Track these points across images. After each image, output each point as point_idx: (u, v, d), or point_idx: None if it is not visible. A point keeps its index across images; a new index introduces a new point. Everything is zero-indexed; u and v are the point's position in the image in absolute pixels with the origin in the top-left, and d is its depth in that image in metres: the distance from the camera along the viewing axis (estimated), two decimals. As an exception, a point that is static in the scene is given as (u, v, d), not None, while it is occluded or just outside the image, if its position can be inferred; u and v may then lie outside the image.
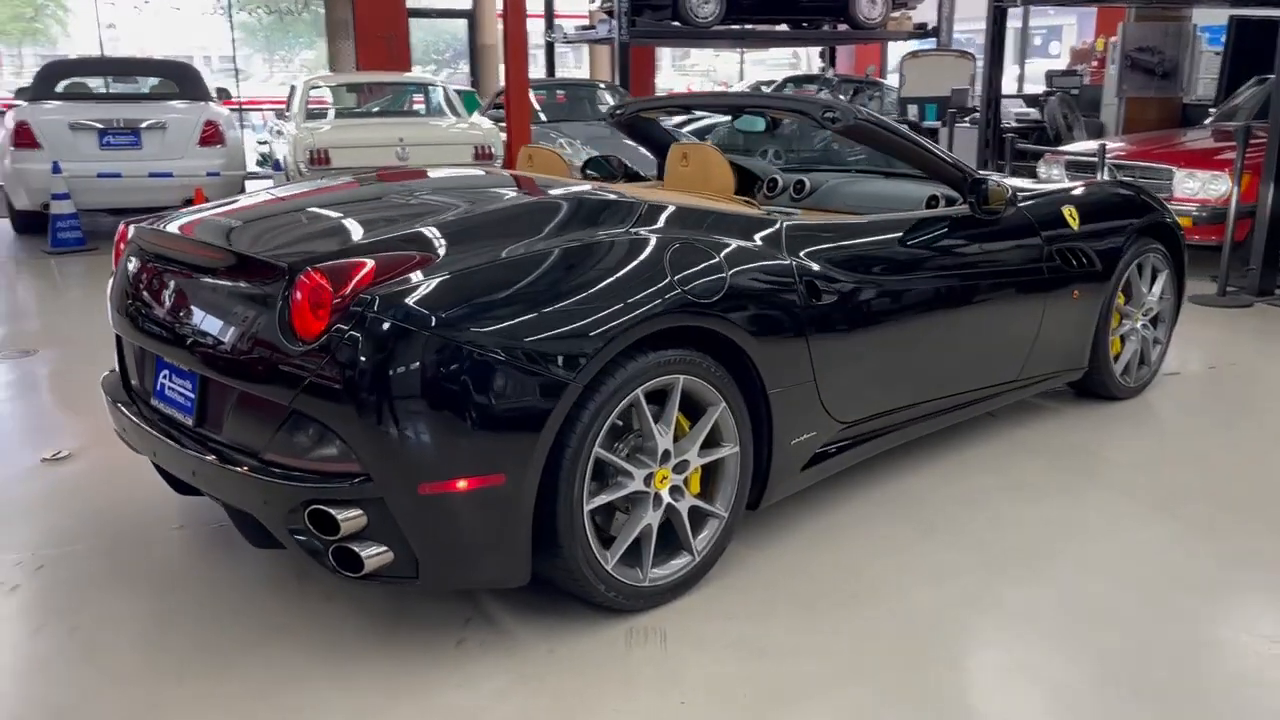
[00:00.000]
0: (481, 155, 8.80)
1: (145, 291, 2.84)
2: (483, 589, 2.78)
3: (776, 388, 2.92)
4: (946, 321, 3.48)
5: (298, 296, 2.35)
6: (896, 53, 15.21)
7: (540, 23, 14.90)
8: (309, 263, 2.38)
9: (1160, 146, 7.56)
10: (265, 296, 2.45)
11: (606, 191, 2.93)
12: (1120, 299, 4.31)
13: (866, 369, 3.23)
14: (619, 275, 2.57)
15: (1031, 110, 12.25)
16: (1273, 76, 6.81)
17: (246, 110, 15.99)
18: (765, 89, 14.54)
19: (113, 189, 8.68)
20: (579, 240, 2.62)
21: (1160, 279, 4.46)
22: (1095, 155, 7.24)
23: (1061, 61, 19.96)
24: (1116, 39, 9.46)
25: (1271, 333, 5.82)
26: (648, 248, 2.67)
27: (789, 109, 3.70)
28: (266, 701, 2.39)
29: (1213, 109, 8.96)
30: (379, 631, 2.68)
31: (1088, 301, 4.05)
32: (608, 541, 2.68)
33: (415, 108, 10.92)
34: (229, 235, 2.69)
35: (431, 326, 2.31)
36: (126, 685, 2.45)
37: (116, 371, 3.15)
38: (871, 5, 14.30)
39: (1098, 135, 10.00)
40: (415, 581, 2.43)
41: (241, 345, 2.47)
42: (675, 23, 13.10)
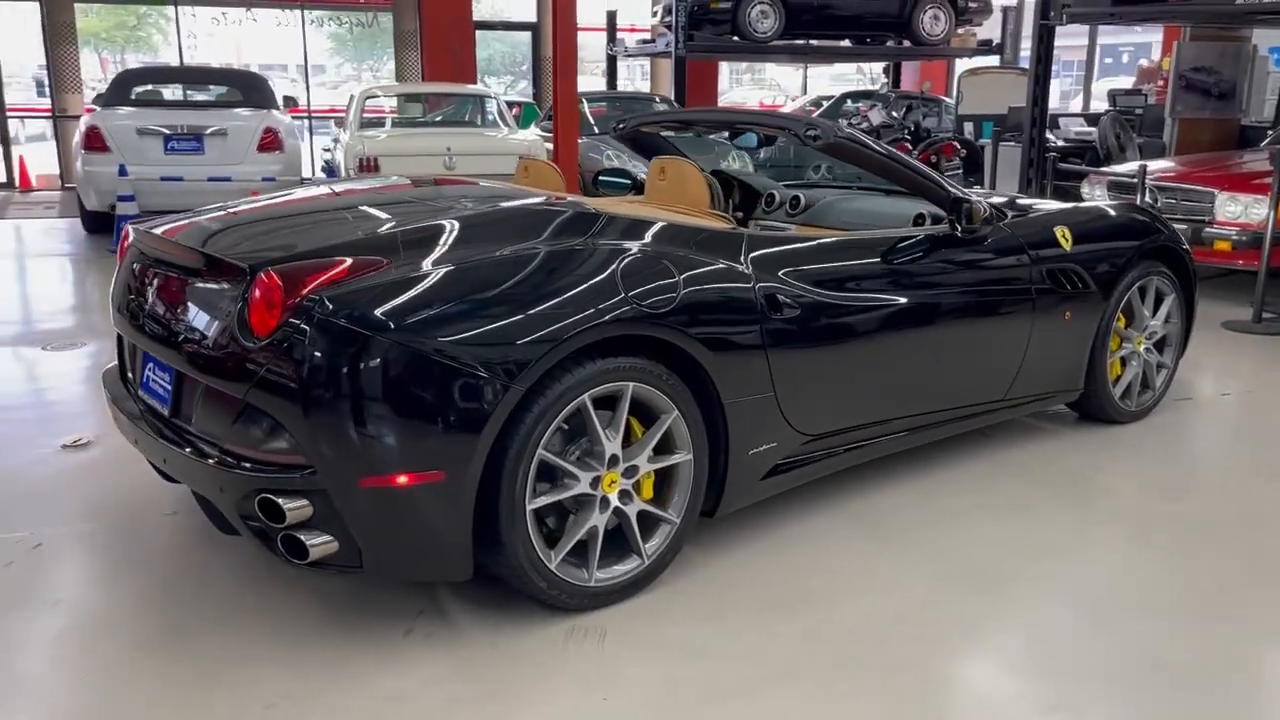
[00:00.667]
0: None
1: (137, 290, 3.02)
2: (426, 581, 2.90)
3: (733, 398, 2.98)
4: (921, 339, 3.50)
5: (255, 295, 2.50)
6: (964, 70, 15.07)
7: (603, 36, 15.10)
8: (267, 264, 2.53)
9: (1205, 169, 7.42)
10: (230, 295, 2.60)
11: (568, 204, 3.03)
12: (1121, 322, 4.27)
13: (833, 383, 3.27)
14: (565, 284, 2.66)
15: (1091, 129, 12.05)
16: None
17: (326, 118, 16.39)
18: (825, 103, 14.52)
19: (175, 192, 9.04)
20: (529, 249, 2.73)
21: (1166, 303, 4.41)
22: (1136, 176, 7.13)
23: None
24: (1171, 58, 9.27)
25: (1303, 361, 5.69)
26: (598, 258, 2.76)
27: (775, 126, 3.76)
28: (212, 680, 2.52)
29: (1270, 130, 8.75)
30: (335, 618, 2.80)
31: (1081, 323, 4.03)
32: (556, 541, 2.77)
33: (479, 118, 11.14)
34: (207, 238, 2.85)
35: (375, 327, 2.43)
36: (86, 657, 2.62)
37: (116, 366, 3.35)
38: (934, 22, 14.18)
39: (1154, 156, 9.81)
40: (360, 571, 2.56)
41: (209, 341, 2.62)
42: (734, 37, 13.19)
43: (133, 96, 9.80)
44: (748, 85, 33.80)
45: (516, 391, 2.53)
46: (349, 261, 2.55)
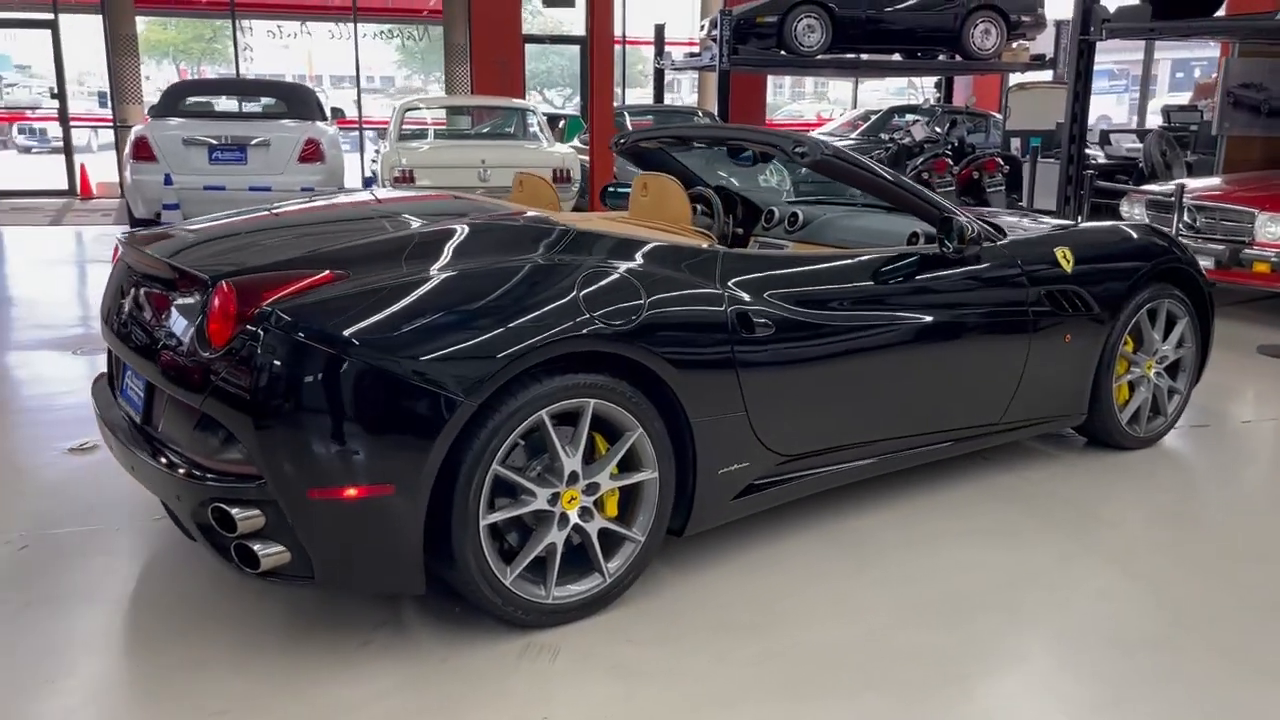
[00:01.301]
0: (560, 178, 9.04)
1: (120, 300, 3.09)
2: (380, 594, 2.91)
3: (701, 417, 2.96)
4: (905, 360, 3.44)
5: (213, 306, 2.54)
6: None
7: (649, 49, 15.14)
8: (225, 276, 2.57)
9: (1247, 188, 7.21)
10: (194, 307, 2.65)
11: (535, 220, 3.03)
12: (1129, 345, 4.16)
13: (810, 404, 3.23)
14: (521, 300, 2.67)
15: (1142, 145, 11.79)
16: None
17: (382, 129, 16.66)
18: (871, 117, 14.39)
19: (218, 201, 9.24)
20: (487, 265, 2.73)
21: (1179, 326, 4.28)
22: (1174, 195, 6.96)
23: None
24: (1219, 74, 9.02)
25: (1337, 388, 5.49)
26: (558, 274, 2.76)
27: (764, 143, 3.73)
28: (167, 684, 2.56)
29: (1323, 149, 8.47)
30: (299, 627, 2.83)
31: (1083, 346, 3.94)
32: (514, 556, 2.77)
33: (521, 131, 11.22)
34: (178, 251, 2.90)
35: (326, 340, 2.45)
36: (43, 658, 2.67)
37: (105, 374, 3.42)
38: (985, 36, 14.00)
39: (1204, 174, 9.56)
40: (313, 582, 2.58)
41: (173, 351, 2.67)
42: (781, 51, 13.15)
43: (183, 108, 10.07)
44: (810, 98, 33.73)
45: (468, 407, 2.54)
46: (305, 275, 2.58)
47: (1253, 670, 2.68)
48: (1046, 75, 14.21)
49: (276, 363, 2.45)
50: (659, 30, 14.74)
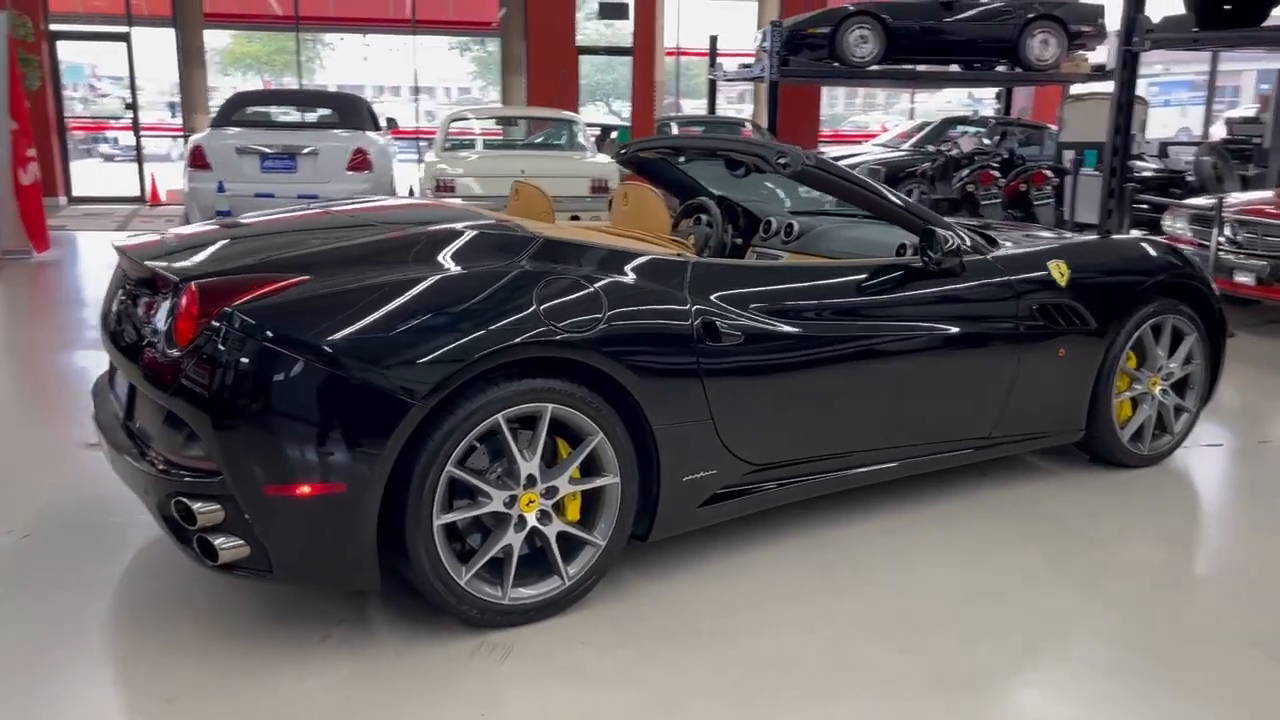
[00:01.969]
0: (597, 188, 9.13)
1: (113, 301, 3.22)
2: (335, 589, 2.99)
3: (664, 424, 2.99)
4: (882, 372, 3.43)
5: (179, 306, 2.65)
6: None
7: (701, 60, 15.18)
8: (192, 279, 2.67)
9: (1294, 203, 7.00)
10: (165, 308, 2.76)
11: (502, 227, 3.09)
12: (1131, 361, 4.09)
13: (780, 414, 3.24)
14: (478, 305, 2.72)
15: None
16: None
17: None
18: (925, 128, 14.24)
19: (267, 208, 9.49)
20: (446, 270, 2.80)
21: (1186, 343, 4.19)
22: (1214, 209, 6.80)
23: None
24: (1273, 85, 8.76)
25: (1373, 410, 5.30)
26: (517, 281, 2.82)
27: (748, 153, 3.75)
28: (126, 671, 2.67)
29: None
30: (265, 619, 2.92)
31: (1079, 361, 3.88)
32: (470, 556, 2.83)
33: (569, 142, 11.35)
34: (157, 254, 3.02)
35: (282, 341, 2.54)
36: (16, 641, 2.79)
37: (106, 374, 3.56)
38: (1044, 46, 13.76)
39: (1261, 188, 9.30)
40: (271, 576, 2.67)
41: (147, 350, 2.78)
42: (835, 63, 13.08)
43: (240, 118, 10.37)
44: (880, 110, 33.41)
45: (420, 410, 2.61)
46: (269, 279, 2.67)
47: (1196, 703, 2.61)
48: (1107, 86, 13.92)
49: (235, 362, 2.54)
50: (713, 41, 14.77)
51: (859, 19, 13.03)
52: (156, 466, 2.69)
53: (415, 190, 9.69)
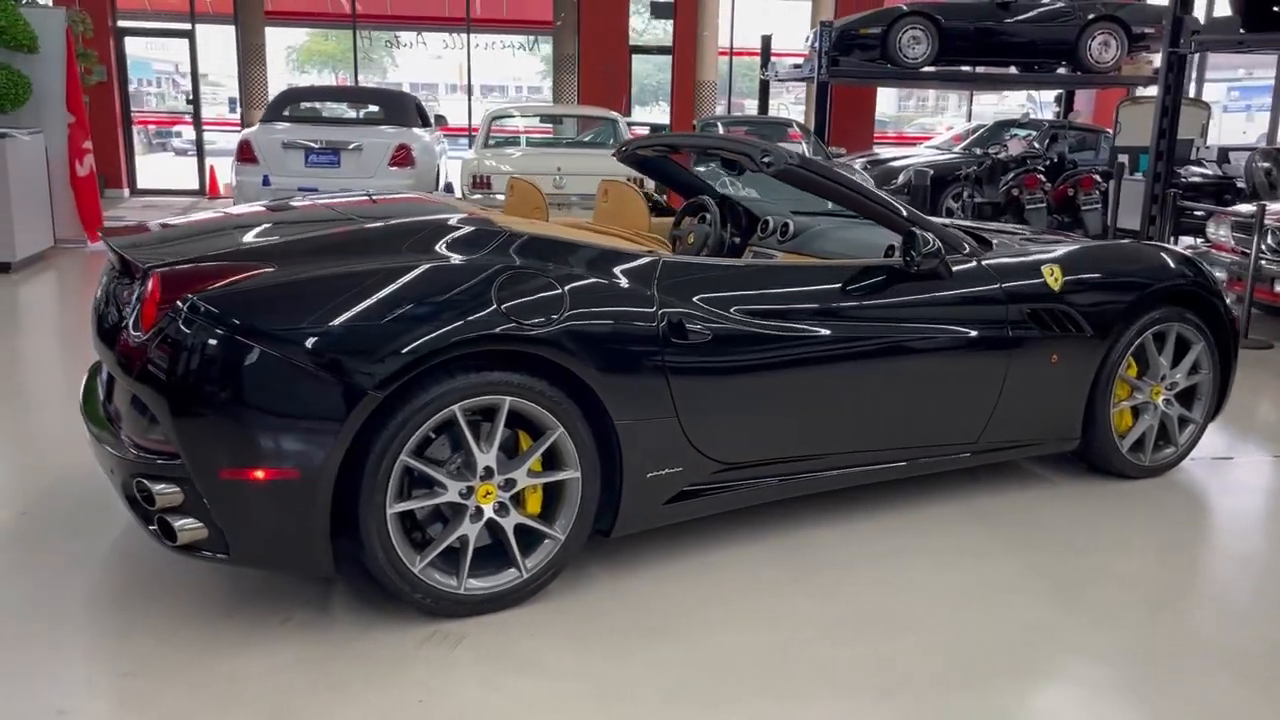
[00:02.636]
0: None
1: (100, 290, 3.32)
2: (290, 574, 3.05)
3: (626, 420, 3.00)
4: (858, 374, 3.39)
5: (145, 293, 2.72)
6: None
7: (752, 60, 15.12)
8: (157, 267, 2.75)
9: (1339, 210, 6.76)
10: (134, 296, 2.84)
11: (472, 220, 3.11)
12: (1132, 370, 3.99)
13: (750, 414, 3.22)
14: (435, 298, 2.76)
15: (1264, 165, 11.14)
16: None
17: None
18: (980, 130, 14.01)
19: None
20: (408, 262, 2.83)
21: (1192, 352, 4.07)
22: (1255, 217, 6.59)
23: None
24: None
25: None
26: (477, 274, 2.84)
27: (736, 152, 3.73)
28: (86, 646, 2.75)
29: None
30: (232, 601, 2.99)
31: (1073, 368, 3.80)
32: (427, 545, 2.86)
33: (611, 140, 11.39)
34: (135, 245, 3.09)
35: (238, 329, 2.60)
36: None
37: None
38: (1104, 48, 13.47)
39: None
40: (229, 559, 2.73)
41: (118, 336, 2.86)
42: (887, 63, 12.94)
43: (289, 113, 10.58)
44: (948, 112, 32.94)
45: (374, 398, 2.65)
46: (231, 268, 2.74)
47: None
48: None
49: (193, 348, 2.61)
50: (765, 41, 14.70)
51: (912, 19, 12.88)
52: (122, 448, 2.77)
53: (454, 185, 9.80)
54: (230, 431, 2.61)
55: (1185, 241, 9.11)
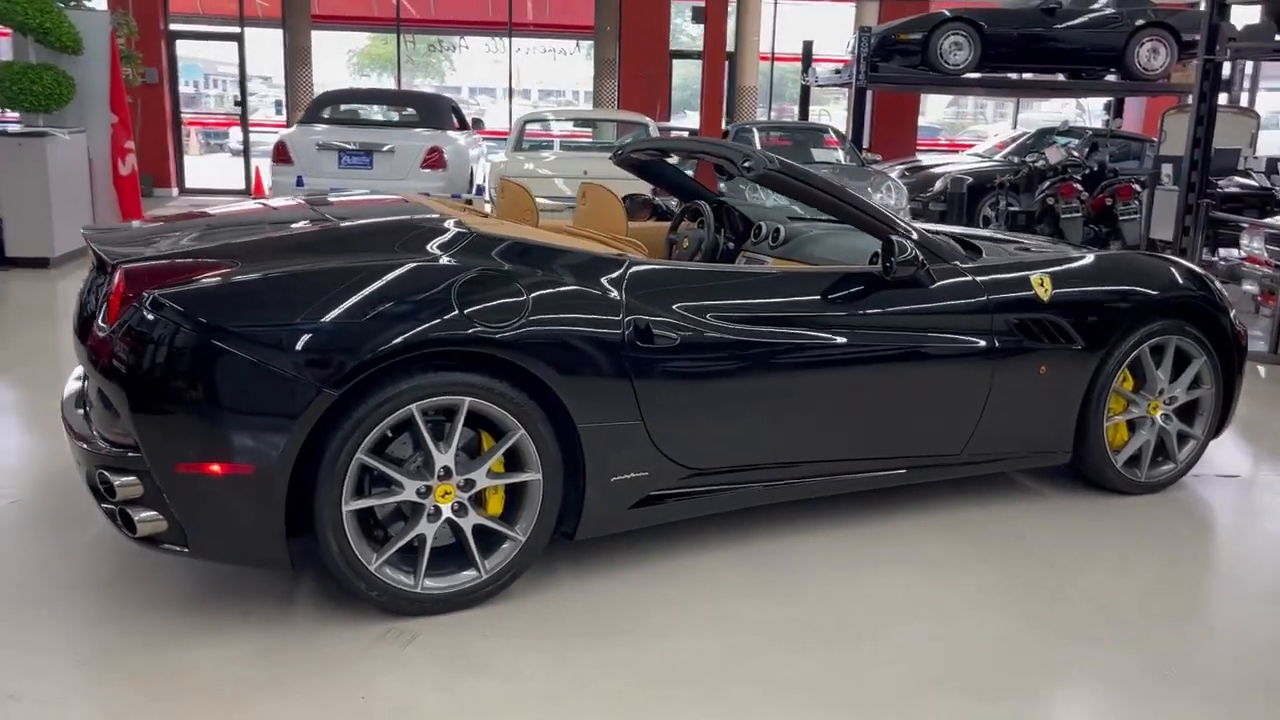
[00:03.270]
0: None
1: (83, 285, 3.39)
2: (247, 567, 3.07)
3: (589, 423, 2.99)
4: (835, 382, 3.35)
5: (111, 288, 2.78)
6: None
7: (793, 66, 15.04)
8: (124, 262, 2.80)
9: (1378, 223, 6.55)
10: (104, 291, 2.90)
11: (440, 221, 3.13)
12: (1128, 383, 3.90)
13: (718, 419, 3.20)
14: (394, 297, 2.77)
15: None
16: None
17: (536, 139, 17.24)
18: (1023, 137, 13.79)
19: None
20: (368, 263, 2.86)
21: (1193, 366, 3.97)
22: (1287, 228, 6.41)
23: None
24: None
25: None
26: (439, 275, 2.85)
27: (719, 155, 3.71)
28: (47, 634, 2.81)
29: None
30: (198, 593, 3.04)
31: (1063, 380, 3.72)
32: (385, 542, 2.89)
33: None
34: (113, 241, 3.15)
35: (196, 325, 2.64)
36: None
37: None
38: (1152, 55, 13.19)
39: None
40: (187, 551, 2.77)
41: (89, 330, 2.92)
42: (928, 69, 12.80)
43: (327, 115, 10.74)
44: (1005, 119, 32.50)
45: (328, 396, 2.67)
46: (194, 265, 2.78)
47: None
48: (1222, 98, 13.24)
49: (152, 343, 2.65)
50: (806, 47, 14.62)
51: (953, 25, 12.72)
52: (86, 439, 2.83)
53: (484, 188, 9.88)
54: (187, 425, 2.65)
55: (1226, 254, 8.87)
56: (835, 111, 21.33)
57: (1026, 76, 13.67)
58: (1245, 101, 15.26)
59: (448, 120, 10.88)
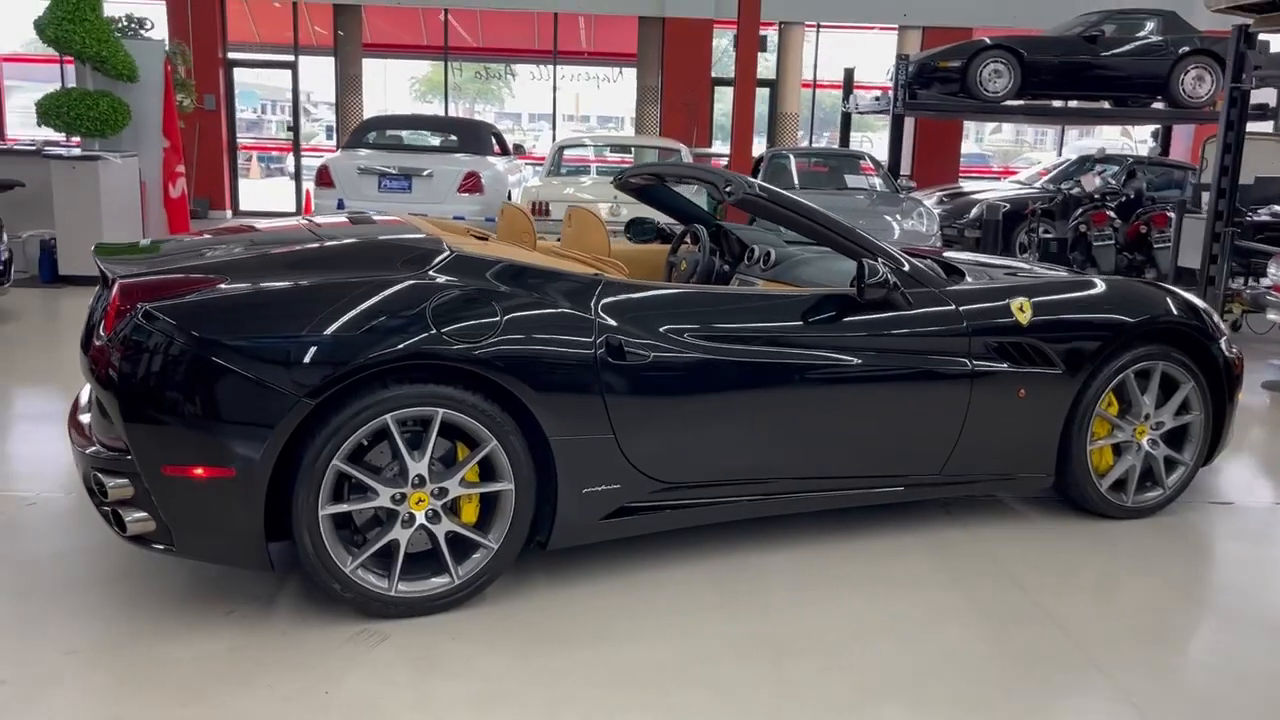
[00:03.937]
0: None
1: (92, 299, 3.58)
2: (229, 567, 3.22)
3: (561, 436, 3.11)
4: (809, 401, 3.43)
5: (108, 301, 2.96)
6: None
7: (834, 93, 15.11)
8: (123, 277, 2.98)
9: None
10: (103, 303, 3.08)
11: (422, 241, 3.27)
12: (1113, 408, 3.92)
13: (690, 435, 3.29)
14: (370, 312, 2.92)
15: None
16: None
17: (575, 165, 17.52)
18: (1064, 164, 13.70)
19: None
20: (349, 279, 3.00)
21: (1181, 392, 3.98)
22: (1310, 257, 6.35)
23: None
24: None
25: None
26: (415, 292, 2.99)
27: (703, 180, 3.82)
28: (36, 626, 2.98)
29: None
30: (188, 592, 3.19)
31: (1043, 403, 3.75)
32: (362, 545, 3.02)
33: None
34: (117, 255, 3.35)
35: (183, 335, 2.81)
36: (-19, 592, 3.17)
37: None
38: (1199, 83, 13.07)
39: None
40: (174, 551, 2.93)
41: (90, 340, 3.11)
42: (967, 97, 12.81)
43: (369, 140, 11.05)
44: (1068, 149, 32.24)
45: (305, 405, 2.82)
46: (186, 279, 2.96)
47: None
48: (1264, 126, 13.05)
49: (142, 352, 2.83)
50: (848, 74, 14.70)
51: (993, 53, 12.73)
52: (83, 443, 3.01)
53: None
54: (173, 430, 2.82)
55: (1254, 284, 8.75)
56: (879, 139, 21.34)
57: (1071, 104, 13.61)
58: (1297, 129, 14.99)
59: (487, 146, 11.13)
